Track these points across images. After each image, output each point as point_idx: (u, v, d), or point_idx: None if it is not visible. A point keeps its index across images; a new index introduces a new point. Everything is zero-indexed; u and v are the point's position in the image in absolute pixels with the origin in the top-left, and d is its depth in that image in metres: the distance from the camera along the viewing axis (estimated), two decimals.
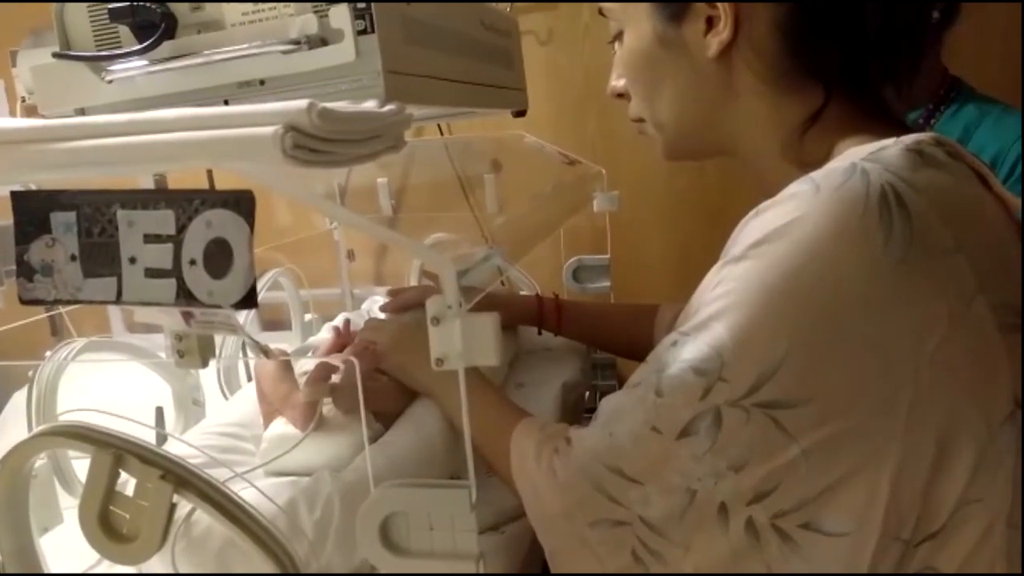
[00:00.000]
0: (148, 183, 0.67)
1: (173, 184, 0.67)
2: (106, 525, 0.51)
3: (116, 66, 0.65)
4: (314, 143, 0.46)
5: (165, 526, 0.50)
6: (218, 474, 0.73)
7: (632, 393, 0.57)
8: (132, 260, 0.48)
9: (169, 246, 0.47)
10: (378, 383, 0.79)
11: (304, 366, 0.83)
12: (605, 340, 1.07)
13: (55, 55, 0.67)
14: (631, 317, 1.02)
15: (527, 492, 0.63)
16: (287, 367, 0.82)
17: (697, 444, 0.52)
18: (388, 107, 0.60)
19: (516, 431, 0.67)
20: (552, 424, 0.68)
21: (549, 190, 1.13)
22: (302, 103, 0.45)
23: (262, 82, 0.66)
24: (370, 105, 0.60)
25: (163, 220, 0.47)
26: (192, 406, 0.95)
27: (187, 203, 0.46)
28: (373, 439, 0.75)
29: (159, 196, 0.47)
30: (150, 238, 0.47)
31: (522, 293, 1.33)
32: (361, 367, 0.79)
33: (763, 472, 0.51)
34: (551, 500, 0.60)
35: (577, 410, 1.07)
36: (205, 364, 0.51)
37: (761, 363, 0.50)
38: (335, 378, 0.77)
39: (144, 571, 0.65)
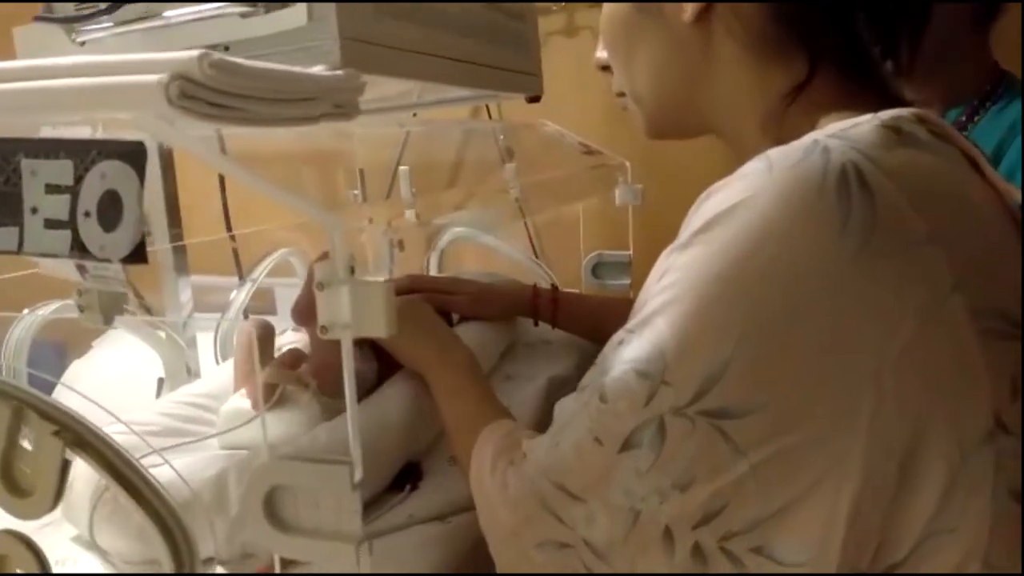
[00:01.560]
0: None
1: None
2: (8, 477, 0.51)
3: (85, 27, 0.66)
4: (213, 96, 0.44)
5: (57, 484, 0.49)
6: (167, 444, 0.74)
7: (579, 398, 0.53)
8: (34, 210, 0.47)
9: (67, 197, 0.46)
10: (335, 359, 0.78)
11: (285, 342, 0.82)
12: (602, 334, 1.01)
13: (35, 18, 0.68)
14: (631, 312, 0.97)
15: (480, 503, 0.60)
16: (266, 341, 0.82)
17: (640, 458, 0.47)
18: (334, 72, 0.59)
19: (481, 435, 0.63)
20: (519, 430, 0.64)
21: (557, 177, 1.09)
22: (194, 52, 0.43)
23: (226, 47, 0.66)
24: (317, 69, 0.58)
25: (63, 170, 0.46)
26: (186, 375, 0.96)
27: (85, 153, 0.45)
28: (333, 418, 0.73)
29: (60, 145, 0.46)
30: (51, 188, 0.46)
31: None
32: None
33: (710, 490, 0.46)
34: (502, 515, 0.56)
35: None
36: (108, 322, 0.50)
37: (706, 365, 0.46)
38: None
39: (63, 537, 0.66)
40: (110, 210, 0.45)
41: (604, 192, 1.14)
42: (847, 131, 0.48)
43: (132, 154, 0.44)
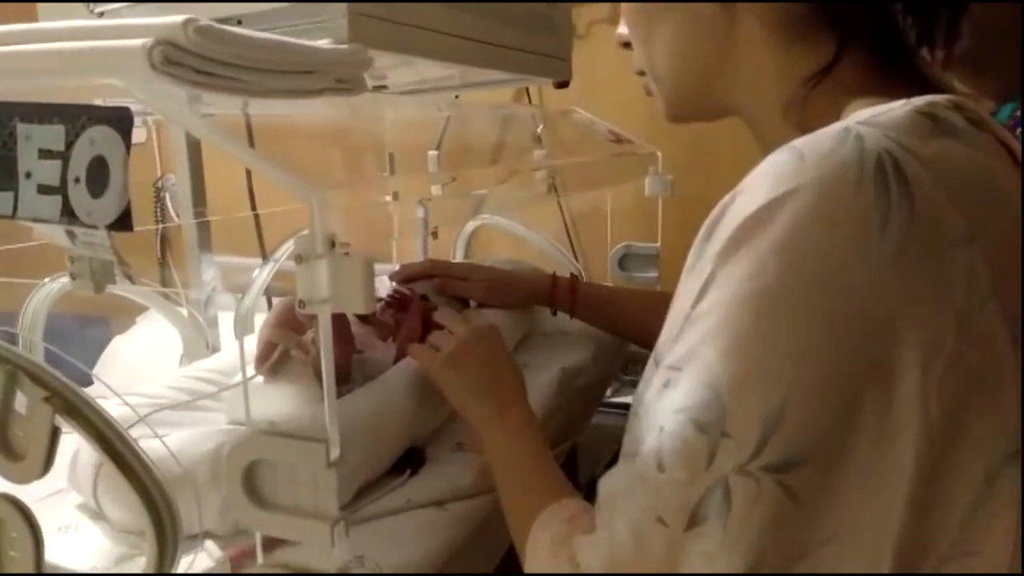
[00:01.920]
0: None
1: None
2: (3, 440, 0.51)
3: None
4: (201, 63, 0.44)
5: (47, 449, 0.49)
6: (178, 417, 0.74)
7: (630, 468, 0.46)
8: (28, 175, 0.47)
9: (59, 162, 0.46)
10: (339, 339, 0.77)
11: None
12: (619, 326, 0.99)
13: None
14: (650, 305, 0.95)
15: None
16: (290, 315, 0.81)
17: (708, 536, 0.42)
18: (337, 46, 0.58)
19: (537, 520, 0.57)
20: (581, 514, 0.56)
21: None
22: (180, 18, 0.42)
23: (239, 21, 0.65)
24: (322, 43, 0.57)
25: (55, 135, 0.46)
26: (205, 352, 0.97)
27: (76, 118, 0.45)
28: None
29: (53, 111, 0.46)
30: (44, 153, 0.46)
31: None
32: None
33: (779, 560, 0.42)
34: None
35: (589, 400, 1.01)
36: (99, 290, 0.49)
37: (767, 402, 0.41)
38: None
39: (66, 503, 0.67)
40: (98, 176, 0.45)
41: (634, 181, 1.12)
42: (878, 117, 0.44)
43: (119, 119, 0.44)
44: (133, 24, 0.43)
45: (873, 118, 0.44)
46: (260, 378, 0.75)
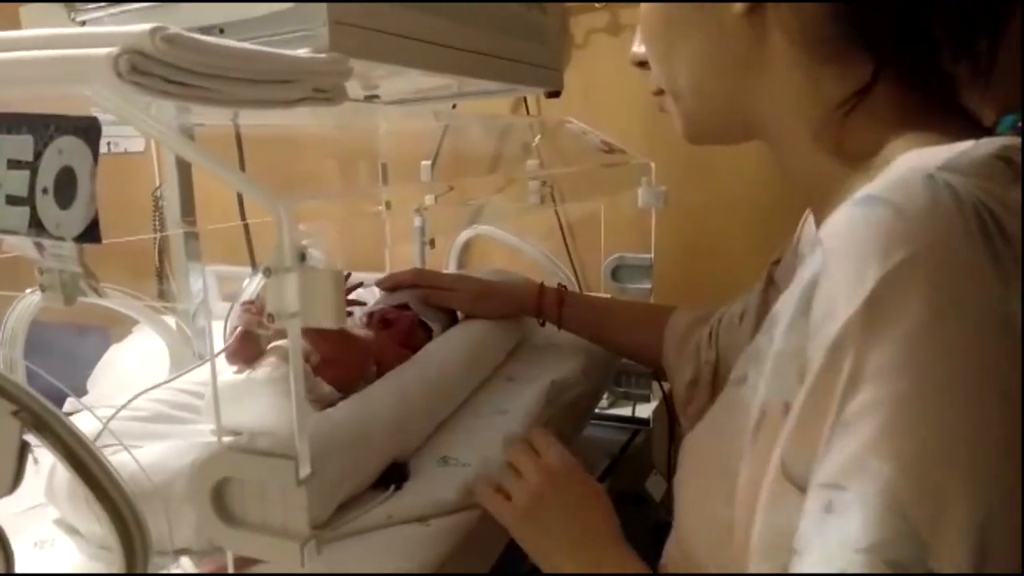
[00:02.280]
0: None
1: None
2: None
3: (84, 6, 0.66)
4: (171, 72, 0.43)
5: (15, 465, 0.48)
6: (164, 429, 0.73)
7: None
8: None
9: (27, 172, 0.45)
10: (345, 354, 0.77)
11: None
12: (607, 338, 0.98)
13: None
14: (639, 317, 0.94)
15: None
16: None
17: None
18: (316, 55, 0.57)
19: None
20: None
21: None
22: (147, 26, 0.42)
23: (221, 30, 0.65)
24: (301, 52, 0.57)
25: (23, 145, 0.45)
26: (192, 360, 0.96)
27: (44, 128, 0.44)
28: (328, 407, 0.72)
29: (22, 120, 0.45)
30: (12, 164, 0.46)
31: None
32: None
33: None
34: None
35: (579, 412, 1.00)
36: (70, 302, 0.49)
37: (970, 517, 0.34)
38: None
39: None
40: (66, 187, 0.44)
41: (628, 193, 1.11)
42: (957, 161, 0.41)
43: (86, 129, 0.43)
44: (104, 32, 0.42)
45: (951, 162, 0.41)
46: (239, 383, 0.74)
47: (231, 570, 0.49)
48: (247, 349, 0.73)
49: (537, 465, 0.67)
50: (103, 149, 0.46)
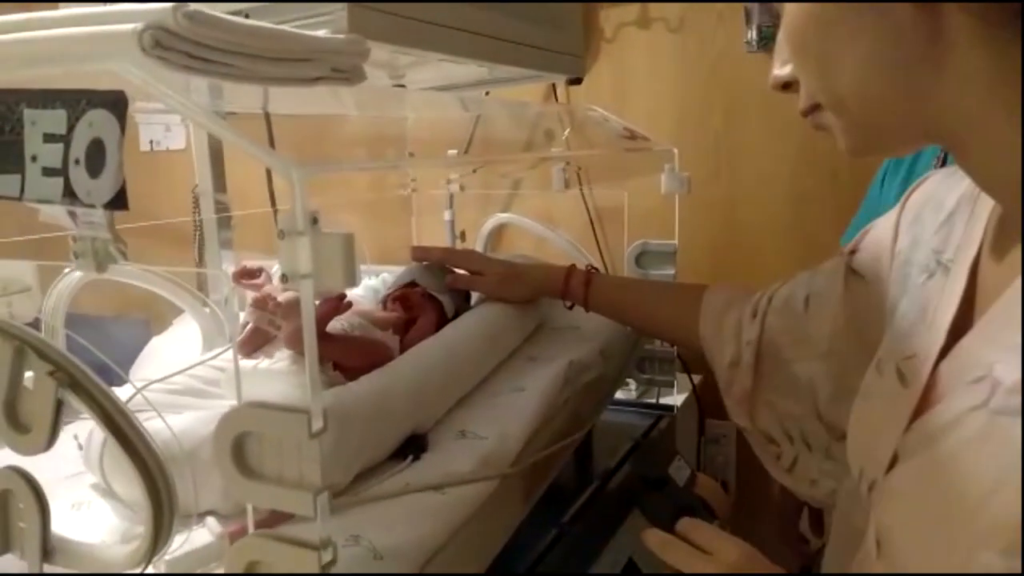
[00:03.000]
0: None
1: None
2: (11, 413, 0.53)
3: None
4: (193, 48, 0.46)
5: (52, 422, 0.51)
6: (194, 403, 0.76)
7: None
8: (34, 158, 0.49)
9: (61, 145, 0.48)
10: (347, 336, 0.79)
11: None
12: (637, 318, 0.98)
13: None
14: (670, 295, 0.94)
15: None
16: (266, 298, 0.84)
17: None
18: (336, 36, 0.59)
19: None
20: None
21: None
22: (170, 3, 0.44)
23: (247, 15, 0.68)
24: (320, 33, 0.59)
25: (58, 119, 0.48)
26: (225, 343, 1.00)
27: (76, 103, 0.47)
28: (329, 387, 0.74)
29: (56, 96, 0.48)
30: (48, 137, 0.49)
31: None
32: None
33: None
34: None
35: (598, 394, 1.01)
36: (102, 269, 0.51)
37: None
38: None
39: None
40: (95, 157, 0.47)
41: (652, 181, 1.12)
42: None
43: (114, 103, 0.46)
44: (128, 10, 0.45)
45: None
46: (262, 365, 0.77)
47: (251, 522, 0.51)
48: (255, 342, 0.76)
49: (724, 546, 0.65)
50: (145, 147, 0.49)
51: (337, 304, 0.80)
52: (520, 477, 0.76)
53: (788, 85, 0.58)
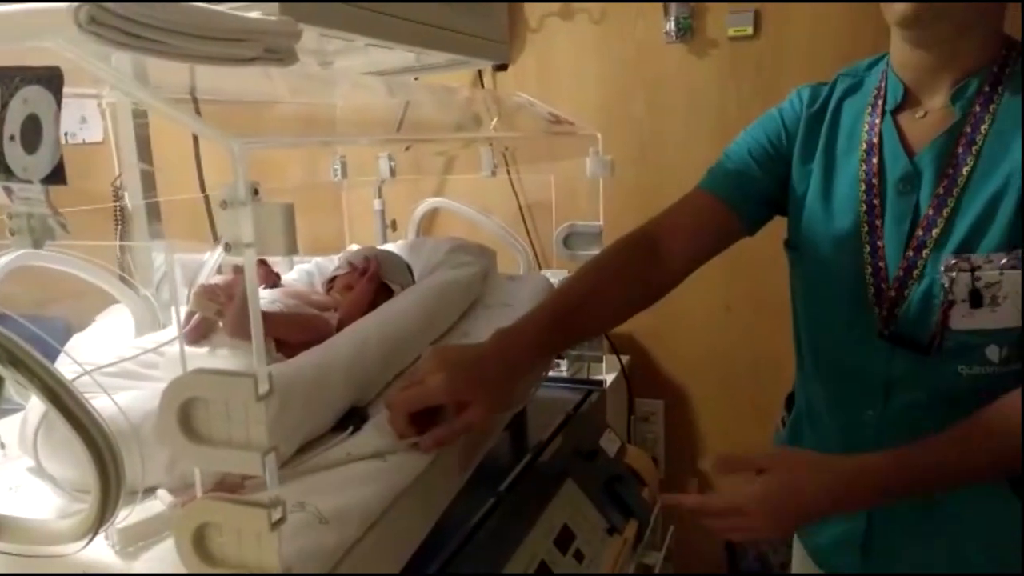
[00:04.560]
0: None
1: None
2: None
3: None
4: (128, 25, 0.47)
5: None
6: (130, 385, 0.76)
7: None
8: None
9: None
10: (287, 313, 0.80)
11: None
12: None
13: None
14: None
15: None
16: (211, 287, 0.84)
17: None
18: (268, 17, 0.61)
19: None
20: None
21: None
22: None
23: None
24: (253, 15, 0.60)
25: None
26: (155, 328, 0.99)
27: (10, 80, 0.48)
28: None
29: None
30: None
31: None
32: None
33: None
34: None
35: None
36: (39, 245, 0.52)
37: None
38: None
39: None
40: (31, 133, 0.47)
41: (578, 166, 1.16)
42: None
43: (50, 79, 0.47)
44: None
45: None
46: (200, 350, 0.78)
47: (199, 487, 0.53)
48: (200, 331, 0.77)
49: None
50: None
51: (264, 271, 0.81)
52: (458, 445, 0.78)
53: None
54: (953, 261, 0.78)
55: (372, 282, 0.94)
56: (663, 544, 1.22)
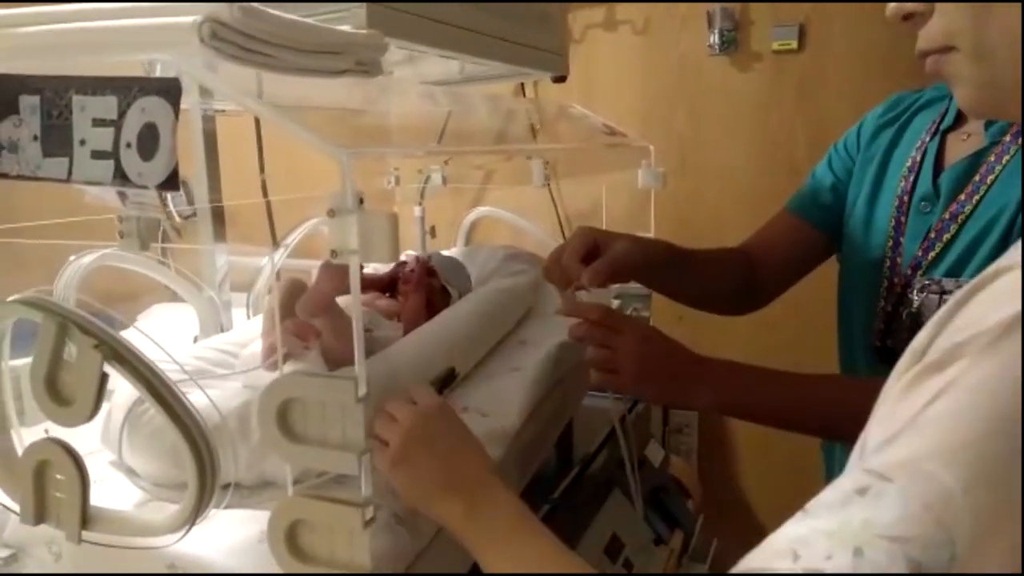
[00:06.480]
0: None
1: None
2: (52, 388, 0.56)
3: None
4: (243, 40, 0.49)
5: (96, 393, 0.54)
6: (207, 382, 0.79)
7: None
8: (82, 142, 0.52)
9: (111, 129, 0.51)
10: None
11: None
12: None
13: None
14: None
15: None
16: (292, 297, 0.86)
17: None
18: (359, 31, 0.63)
19: None
20: None
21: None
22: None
23: None
24: (343, 28, 0.63)
25: (108, 105, 0.51)
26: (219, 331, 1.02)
27: (127, 90, 0.50)
28: None
29: (107, 83, 0.51)
30: (97, 122, 0.51)
31: None
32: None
33: None
34: None
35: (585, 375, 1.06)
36: (145, 247, 0.54)
37: (1011, 551, 0.33)
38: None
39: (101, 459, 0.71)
40: (148, 141, 0.50)
41: (628, 177, 1.17)
42: None
43: (168, 90, 0.49)
44: (181, 5, 0.48)
45: None
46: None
47: (289, 485, 0.54)
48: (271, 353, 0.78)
49: (408, 409, 0.63)
50: None
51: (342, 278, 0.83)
52: (520, 449, 0.80)
53: (910, 16, 0.50)
54: (927, 282, 0.79)
55: (432, 288, 0.96)
56: (707, 557, 1.23)
